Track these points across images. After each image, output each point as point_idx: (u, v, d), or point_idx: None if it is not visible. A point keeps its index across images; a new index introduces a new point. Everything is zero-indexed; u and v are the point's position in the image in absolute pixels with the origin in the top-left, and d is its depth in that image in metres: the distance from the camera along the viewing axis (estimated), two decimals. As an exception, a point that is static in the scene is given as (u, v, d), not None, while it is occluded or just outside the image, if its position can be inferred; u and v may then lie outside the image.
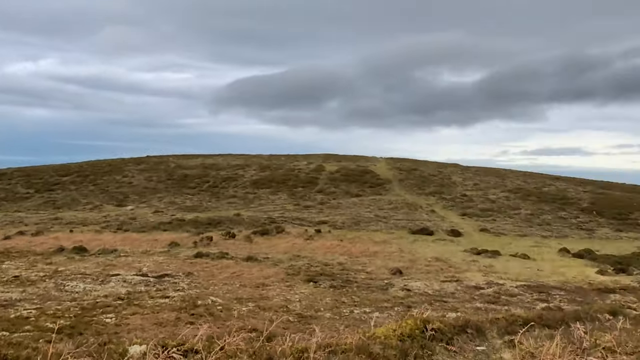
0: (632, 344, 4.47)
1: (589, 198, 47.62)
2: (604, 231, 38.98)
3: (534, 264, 29.12)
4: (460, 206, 46.48)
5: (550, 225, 40.45)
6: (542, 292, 22.52)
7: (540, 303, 19.89)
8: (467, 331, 4.97)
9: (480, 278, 24.64)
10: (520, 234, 38.09)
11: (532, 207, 45.13)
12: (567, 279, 25.81)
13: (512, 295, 21.26)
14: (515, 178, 58.24)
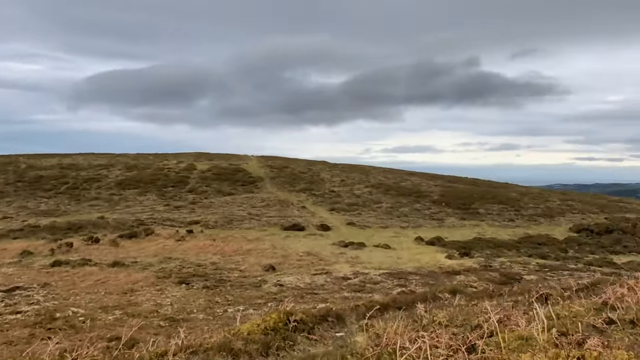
0: (462, 318, 5.50)
1: (439, 191, 53.09)
2: (451, 220, 43.83)
3: (394, 253, 31.78)
4: (329, 202, 48.74)
5: (407, 216, 44.37)
6: (401, 278, 24.80)
7: (399, 288, 21.87)
8: (328, 320, 5.60)
9: (347, 269, 26.29)
10: (382, 225, 41.16)
11: (392, 201, 49.05)
12: (421, 265, 28.69)
13: (375, 283, 23.06)
14: (377, 174, 62.61)
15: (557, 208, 48.41)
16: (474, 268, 27.40)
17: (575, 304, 5.83)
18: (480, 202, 48.40)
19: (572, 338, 4.01)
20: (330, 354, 3.72)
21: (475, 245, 34.47)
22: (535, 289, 7.63)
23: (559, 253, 32.27)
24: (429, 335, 3.61)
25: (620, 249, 34.09)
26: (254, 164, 65.33)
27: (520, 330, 3.96)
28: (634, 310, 5.38)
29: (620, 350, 3.29)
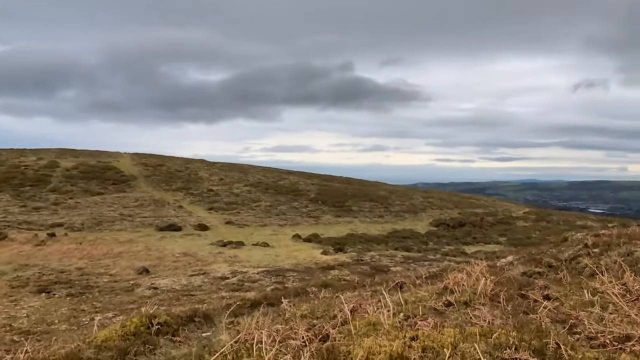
0: (322, 309, 5.95)
1: (316, 189, 54.91)
2: (327, 217, 45.63)
3: (272, 251, 32.26)
4: (207, 201, 47.81)
5: (285, 214, 45.24)
6: (279, 275, 25.31)
7: (277, 285, 22.34)
8: (195, 320, 5.68)
9: (226, 268, 26.14)
10: (261, 224, 41.48)
11: (271, 199, 49.64)
12: (299, 261, 29.53)
13: (254, 281, 23.26)
14: (256, 173, 62.79)
15: (419, 205, 52.82)
16: (347, 262, 28.90)
17: (422, 290, 6.63)
18: (354, 200, 51.01)
19: (413, 320, 4.63)
20: (189, 354, 3.85)
21: (349, 240, 36.32)
22: (393, 278, 8.43)
23: (421, 245, 35.35)
24: (283, 327, 3.93)
25: (470, 240, 38.34)
26: (127, 162, 61.60)
27: (370, 317, 4.47)
28: (468, 292, 6.29)
29: (448, 328, 3.91)
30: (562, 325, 4.69)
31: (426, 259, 29.22)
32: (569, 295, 5.98)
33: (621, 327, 4.18)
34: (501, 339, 3.46)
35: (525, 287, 6.75)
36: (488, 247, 35.73)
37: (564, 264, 9.29)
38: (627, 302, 5.09)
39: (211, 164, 68.23)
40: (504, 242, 37.50)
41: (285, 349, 3.93)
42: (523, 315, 5.04)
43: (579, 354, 3.26)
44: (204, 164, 67.32)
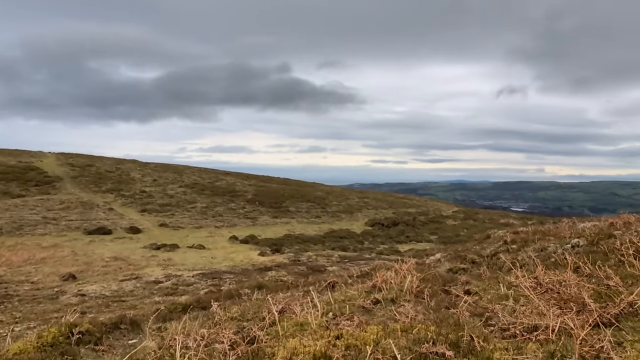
0: (253, 312, 5.95)
1: (253, 190, 54.48)
2: (264, 218, 45.41)
3: (208, 253, 31.70)
4: (139, 202, 46.13)
5: (222, 216, 44.55)
6: (215, 277, 24.91)
7: (213, 288, 21.99)
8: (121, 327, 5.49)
9: (159, 272, 25.39)
10: (196, 226, 40.61)
11: (207, 201, 48.68)
12: (235, 263, 29.22)
13: (189, 284, 22.74)
14: (191, 174, 61.33)
15: (356, 205, 53.79)
16: (284, 263, 28.95)
17: (352, 289, 6.79)
18: (291, 201, 51.10)
19: (340, 319, 4.74)
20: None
21: (286, 241, 36.36)
22: (325, 278, 8.56)
23: (357, 245, 36.03)
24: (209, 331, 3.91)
25: (404, 239, 39.58)
26: (51, 162, 58.17)
27: (298, 318, 4.53)
28: (395, 290, 6.51)
29: (372, 326, 4.05)
30: (480, 318, 4.98)
31: (362, 258, 29.82)
32: (487, 289, 6.35)
33: (530, 318, 4.49)
34: (420, 334, 3.63)
35: (449, 283, 7.08)
36: (420, 245, 37.00)
37: (486, 260, 9.84)
38: (537, 294, 5.47)
39: (144, 164, 65.89)
40: (434, 240, 38.99)
41: (212, 353, 3.91)
42: (445, 310, 5.30)
43: (491, 345, 3.48)
44: (137, 164, 64.91)
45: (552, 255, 8.60)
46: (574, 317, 4.02)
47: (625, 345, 3.50)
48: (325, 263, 28.38)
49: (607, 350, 3.16)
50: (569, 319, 4.04)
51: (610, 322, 4.12)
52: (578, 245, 9.02)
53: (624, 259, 6.44)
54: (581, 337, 3.68)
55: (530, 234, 11.49)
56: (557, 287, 5.55)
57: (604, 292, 4.97)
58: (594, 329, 3.99)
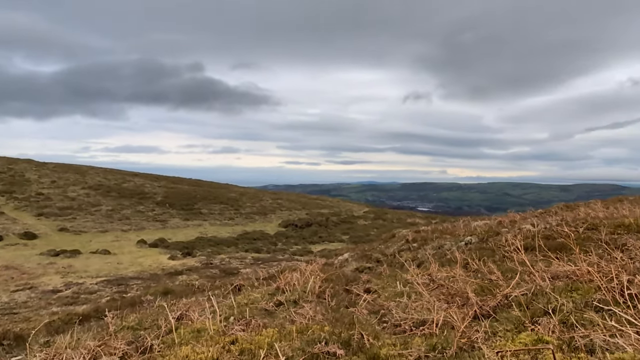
0: (151, 319, 5.74)
1: (163, 192, 52.42)
2: (175, 221, 43.89)
3: (114, 259, 30.06)
4: (35, 206, 42.61)
5: (129, 219, 42.41)
6: (121, 284, 23.69)
7: (118, 295, 20.92)
8: (3, 344, 5.04)
9: (58, 280, 23.70)
10: (101, 230, 38.34)
11: (113, 203, 46.08)
12: (144, 268, 27.98)
13: (92, 292, 21.43)
14: (95, 175, 57.67)
15: (269, 206, 53.68)
16: (195, 267, 28.22)
17: (256, 291, 6.79)
18: (203, 203, 49.85)
19: (241, 323, 4.72)
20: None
21: (198, 244, 35.46)
22: (232, 281, 8.48)
23: (270, 246, 36.00)
24: (95, 343, 3.73)
25: (317, 239, 40.16)
26: None
27: (196, 324, 4.45)
28: (298, 291, 6.61)
29: (269, 329, 4.08)
30: (376, 316, 5.21)
31: (275, 259, 29.84)
32: (385, 287, 6.64)
33: (420, 313, 4.78)
34: (315, 335, 3.72)
35: (351, 282, 7.32)
36: (333, 245, 37.75)
37: (389, 259, 10.29)
38: (429, 290, 5.83)
39: (41, 164, 60.90)
40: (346, 240, 39.98)
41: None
42: (344, 309, 5.47)
43: (380, 342, 3.66)
44: (32, 164, 59.83)
45: (447, 253, 9.20)
46: (456, 310, 4.34)
47: (499, 334, 3.84)
48: (238, 265, 28.06)
49: (481, 340, 3.45)
50: (453, 312, 4.35)
51: (488, 313, 4.49)
52: (470, 242, 9.71)
53: (507, 255, 7.04)
54: (461, 329, 3.98)
55: (429, 232, 12.17)
56: (446, 283, 5.94)
57: (486, 286, 5.40)
58: (474, 321, 4.33)
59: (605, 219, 8.72)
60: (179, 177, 66.58)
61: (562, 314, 3.83)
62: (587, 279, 4.55)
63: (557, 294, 4.35)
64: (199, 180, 66.97)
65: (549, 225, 9.80)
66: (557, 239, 8.28)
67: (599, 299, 3.87)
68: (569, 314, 3.74)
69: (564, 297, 4.21)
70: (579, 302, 4.03)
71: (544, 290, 4.52)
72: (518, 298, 4.54)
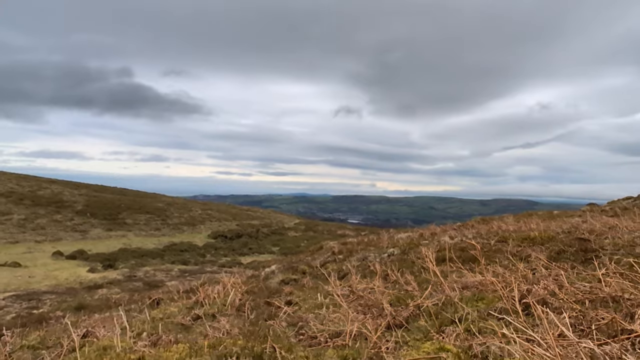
0: (56, 337, 5.39)
1: (84, 201, 49.57)
2: (96, 231, 41.63)
3: (26, 272, 28.05)
4: None
5: (45, 229, 39.70)
6: (32, 299, 22.08)
7: (28, 311, 19.51)
8: None
9: (-43, 297, 21.68)
10: (12, 240, 35.64)
11: (26, 212, 42.92)
12: (59, 282, 26.29)
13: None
14: (7, 181, 53.47)
15: (198, 217, 52.35)
16: (117, 280, 26.93)
17: (174, 305, 6.57)
18: (128, 212, 47.71)
19: (152, 339, 4.54)
20: None
21: (121, 256, 33.88)
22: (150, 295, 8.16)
23: (199, 258, 35.06)
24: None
25: (247, 251, 39.66)
26: None
27: (102, 341, 4.23)
28: (218, 304, 6.47)
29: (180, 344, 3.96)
30: (294, 328, 5.20)
31: (203, 271, 29.09)
32: (307, 299, 6.66)
33: (337, 325, 4.83)
34: (227, 350, 3.65)
35: (273, 295, 7.27)
36: (262, 256, 37.41)
37: (314, 270, 10.34)
38: (348, 302, 5.91)
39: (-56, 168, 55.73)
40: (276, 252, 39.76)
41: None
42: (262, 322, 5.42)
43: (293, 354, 3.66)
44: None
45: (369, 265, 9.39)
46: (371, 321, 4.43)
47: (409, 343, 3.96)
48: (163, 278, 27.10)
49: (391, 350, 3.54)
50: (367, 323, 4.44)
51: (401, 324, 4.62)
52: (393, 254, 9.99)
53: (424, 266, 7.30)
54: (374, 339, 4.07)
55: (355, 244, 12.39)
56: (365, 294, 6.06)
57: (401, 297, 5.56)
58: (387, 331, 4.44)
59: (514, 232, 9.30)
60: (102, 185, 63.30)
61: (467, 322, 4.02)
62: (491, 289, 4.82)
63: (464, 303, 4.57)
64: (125, 189, 64.03)
65: (464, 237, 10.29)
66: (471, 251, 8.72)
67: (500, 308, 4.11)
68: (473, 323, 3.94)
69: (470, 306, 4.43)
70: (482, 311, 4.25)
71: (452, 300, 4.73)
72: (429, 308, 4.71)
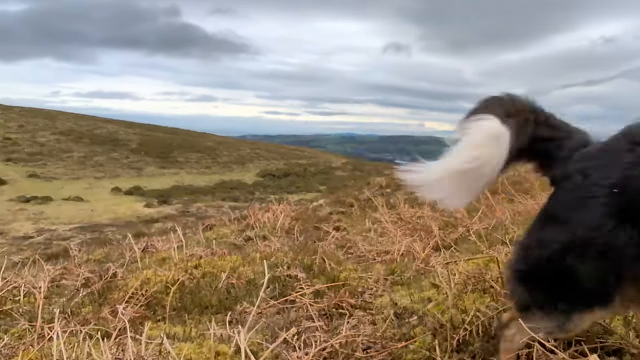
0: (119, 252, 5.76)
1: (138, 139, 51.37)
2: (150, 169, 43.37)
3: (88, 206, 29.84)
4: (3, 151, 41.41)
5: (103, 166, 41.74)
6: (95, 230, 23.66)
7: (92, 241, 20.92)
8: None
9: (29, 227, 23.56)
10: (73, 177, 37.74)
11: (85, 150, 45.05)
12: (118, 216, 27.90)
13: (64, 238, 21.39)
14: (66, 120, 55.87)
15: (247, 156, 53.34)
16: (172, 214, 28.25)
17: (226, 228, 6.84)
18: (180, 151, 49.22)
19: (207, 251, 4.76)
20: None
21: (174, 192, 35.31)
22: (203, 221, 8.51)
23: (248, 195, 36.06)
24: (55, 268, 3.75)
25: (294, 189, 40.38)
26: None
27: (161, 253, 4.49)
28: (268, 228, 6.68)
29: (232, 256, 4.14)
30: (342, 249, 5.32)
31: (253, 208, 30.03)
32: (355, 225, 6.76)
33: (385, 246, 4.90)
34: (278, 260, 3.79)
35: (322, 222, 7.42)
36: (310, 195, 38.01)
37: (361, 203, 10.43)
38: (397, 227, 5.95)
39: (7, 108, 58.60)
40: (323, 190, 40.28)
41: (61, 292, 3.75)
42: (312, 244, 5.56)
43: (341, 267, 3.76)
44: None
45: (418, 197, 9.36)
46: (418, 242, 4.46)
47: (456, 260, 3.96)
48: (215, 213, 28.14)
49: (438, 265, 3.56)
50: (415, 244, 4.47)
51: (449, 245, 4.63)
52: (441, 187, 9.87)
53: (474, 196, 7.19)
54: (422, 257, 4.11)
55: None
56: (413, 220, 6.08)
57: (450, 223, 5.54)
58: (435, 252, 4.46)
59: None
60: (154, 124, 65.25)
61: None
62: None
63: (515, 226, 4.49)
64: (176, 128, 65.73)
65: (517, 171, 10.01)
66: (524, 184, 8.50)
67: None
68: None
69: (522, 228, 4.35)
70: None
71: (503, 223, 4.66)
72: (479, 231, 4.67)
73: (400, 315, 2.70)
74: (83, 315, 2.99)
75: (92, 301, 3.36)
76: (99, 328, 2.51)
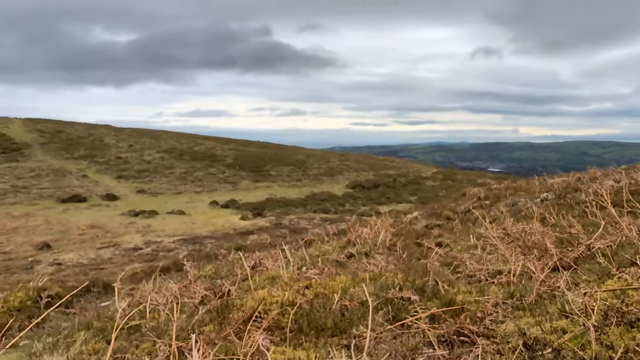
0: (227, 269, 6.02)
1: (233, 155, 54.02)
2: (245, 183, 45.30)
3: (188, 219, 31.65)
4: (115, 169, 45.47)
5: (202, 181, 44.28)
6: (196, 242, 24.99)
7: (194, 252, 22.11)
8: (93, 290, 5.49)
9: (138, 239, 25.34)
10: (175, 192, 40.36)
11: (186, 166, 48.20)
12: (217, 228, 29.29)
13: (169, 250, 22.80)
14: (169, 138, 60.34)
15: (336, 167, 53.90)
16: (266, 227, 29.12)
17: (327, 245, 6.90)
18: (272, 164, 50.95)
19: (315, 270, 4.82)
20: (79, 323, 3.75)
21: (268, 205, 36.45)
22: (302, 237, 8.65)
23: (338, 207, 36.34)
24: (179, 286, 3.96)
25: (385, 200, 40.03)
26: (19, 128, 56.56)
27: (270, 272, 4.61)
28: (369, 244, 6.64)
29: (342, 276, 4.14)
30: (448, 267, 5.13)
31: (343, 220, 30.13)
32: (457, 241, 6.51)
33: (495, 265, 4.65)
34: (388, 281, 3.73)
35: (422, 237, 7.24)
36: (400, 206, 37.47)
37: (460, 216, 10.06)
38: (504, 243, 5.64)
39: (118, 129, 64.48)
40: (414, 201, 39.51)
41: (182, 308, 3.96)
42: (416, 261, 5.43)
43: (455, 289, 3.61)
44: (110, 129, 63.52)
45: (522, 209, 8.84)
46: (535, 261, 4.17)
47: (580, 284, 3.65)
48: (307, 225, 28.62)
49: (562, 290, 3.30)
50: (531, 263, 4.19)
51: (569, 265, 4.28)
52: (546, 199, 9.25)
53: (587, 210, 6.64)
54: (541, 278, 3.83)
55: (502, 190, 11.73)
56: (522, 237, 5.72)
57: (565, 239, 5.14)
58: (553, 272, 4.15)
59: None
60: (247, 140, 68.24)
61: (654, 265, 3.57)
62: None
63: (647, 245, 4.06)
64: (267, 142, 68.23)
65: (635, 180, 9.12)
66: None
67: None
68: (663, 265, 3.48)
69: (657, 248, 3.92)
70: (674, 253, 3.73)
71: (631, 241, 4.23)
72: (602, 249, 4.28)
73: (531, 346, 2.52)
74: (206, 333, 3.14)
75: (212, 319, 3.52)
76: (226, 349, 2.61)
